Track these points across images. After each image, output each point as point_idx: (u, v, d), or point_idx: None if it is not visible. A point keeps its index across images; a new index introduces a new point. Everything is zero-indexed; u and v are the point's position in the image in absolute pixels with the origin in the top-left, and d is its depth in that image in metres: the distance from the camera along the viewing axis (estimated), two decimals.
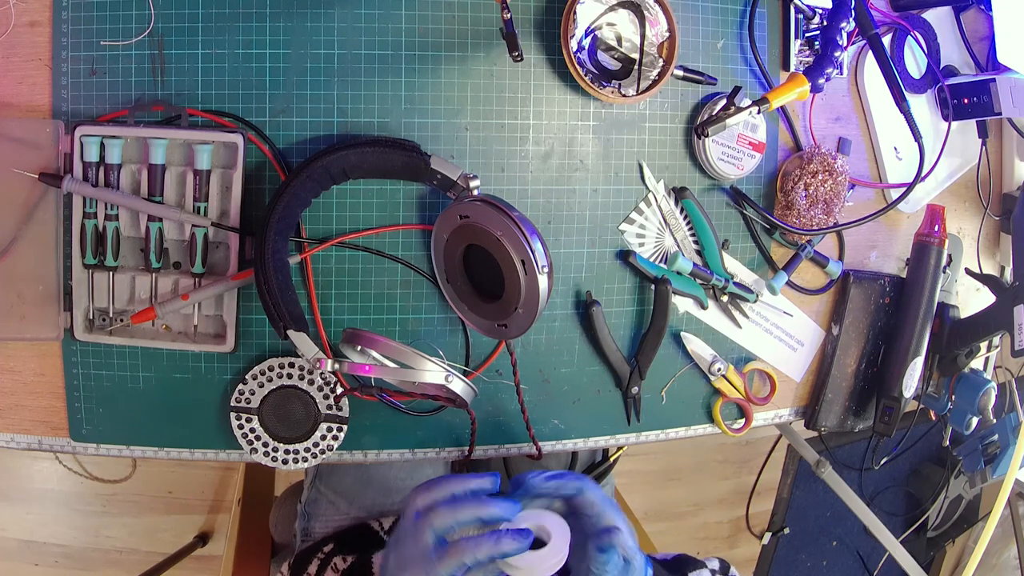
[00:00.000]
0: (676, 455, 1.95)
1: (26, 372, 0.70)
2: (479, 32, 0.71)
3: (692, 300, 0.80)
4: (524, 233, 0.61)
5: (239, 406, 0.71)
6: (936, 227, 0.85)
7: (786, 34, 0.80)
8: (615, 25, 0.72)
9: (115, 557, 1.63)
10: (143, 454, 0.73)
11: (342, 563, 0.75)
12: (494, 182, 0.73)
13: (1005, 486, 0.82)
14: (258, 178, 0.69)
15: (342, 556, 0.76)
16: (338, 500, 0.86)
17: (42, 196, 0.66)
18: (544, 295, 0.63)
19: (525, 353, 0.76)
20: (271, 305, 0.61)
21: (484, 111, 0.72)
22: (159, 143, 0.66)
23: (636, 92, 0.72)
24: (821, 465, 1.06)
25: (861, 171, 0.87)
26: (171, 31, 0.66)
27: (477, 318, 0.70)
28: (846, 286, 0.86)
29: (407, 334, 0.74)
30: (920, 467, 1.28)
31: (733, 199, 0.80)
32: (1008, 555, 1.40)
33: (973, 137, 0.93)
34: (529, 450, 0.78)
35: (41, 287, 0.67)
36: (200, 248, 0.68)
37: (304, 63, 0.68)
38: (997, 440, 1.02)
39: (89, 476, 1.61)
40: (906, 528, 1.27)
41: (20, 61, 0.66)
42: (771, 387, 0.85)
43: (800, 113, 0.83)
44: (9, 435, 0.71)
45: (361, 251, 0.72)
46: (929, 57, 0.88)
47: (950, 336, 0.89)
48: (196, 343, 0.70)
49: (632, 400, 0.80)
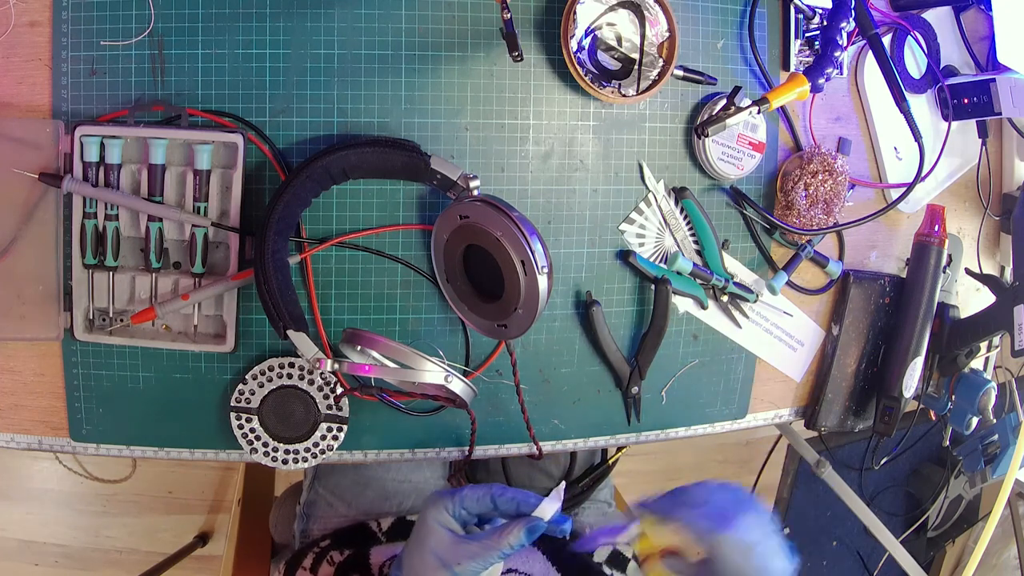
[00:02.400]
0: (676, 455, 1.95)
1: (26, 372, 0.70)
2: (479, 32, 0.71)
3: (692, 300, 0.80)
4: (524, 233, 0.61)
5: (239, 406, 0.71)
6: (936, 227, 0.85)
7: (786, 34, 0.80)
8: (615, 25, 0.72)
9: (115, 557, 1.63)
10: (143, 454, 0.73)
11: (338, 556, 0.75)
12: (494, 182, 0.73)
13: (1005, 486, 0.82)
14: (258, 178, 0.69)
15: (339, 550, 0.76)
16: (336, 502, 0.86)
17: (42, 196, 0.66)
18: (544, 295, 0.63)
19: (525, 353, 0.76)
20: (271, 305, 0.61)
21: (484, 111, 0.72)
22: (159, 143, 0.66)
23: (636, 92, 0.72)
24: (821, 465, 1.06)
25: (861, 171, 0.87)
26: (171, 31, 0.66)
27: (477, 318, 0.70)
28: (846, 286, 0.86)
29: (407, 334, 0.74)
30: (920, 467, 1.28)
31: (733, 199, 0.80)
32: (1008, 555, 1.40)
33: (973, 137, 0.93)
34: (529, 450, 0.78)
35: (41, 287, 0.67)
36: (200, 248, 0.68)
37: (304, 63, 0.68)
38: (997, 440, 1.02)
39: (89, 476, 1.61)
40: (906, 528, 1.27)
41: (20, 61, 0.66)
42: None
43: (800, 113, 0.83)
44: (9, 435, 0.71)
45: (361, 251, 0.72)
46: (929, 57, 0.88)
47: (950, 336, 0.89)
48: (196, 343, 0.70)
49: (632, 400, 0.80)
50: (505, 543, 0.51)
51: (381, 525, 0.82)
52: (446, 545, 0.52)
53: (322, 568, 0.75)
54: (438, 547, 0.52)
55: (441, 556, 0.51)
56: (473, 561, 0.51)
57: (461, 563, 0.51)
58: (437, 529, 0.52)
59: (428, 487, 0.89)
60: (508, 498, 0.53)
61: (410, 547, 0.54)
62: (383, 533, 0.81)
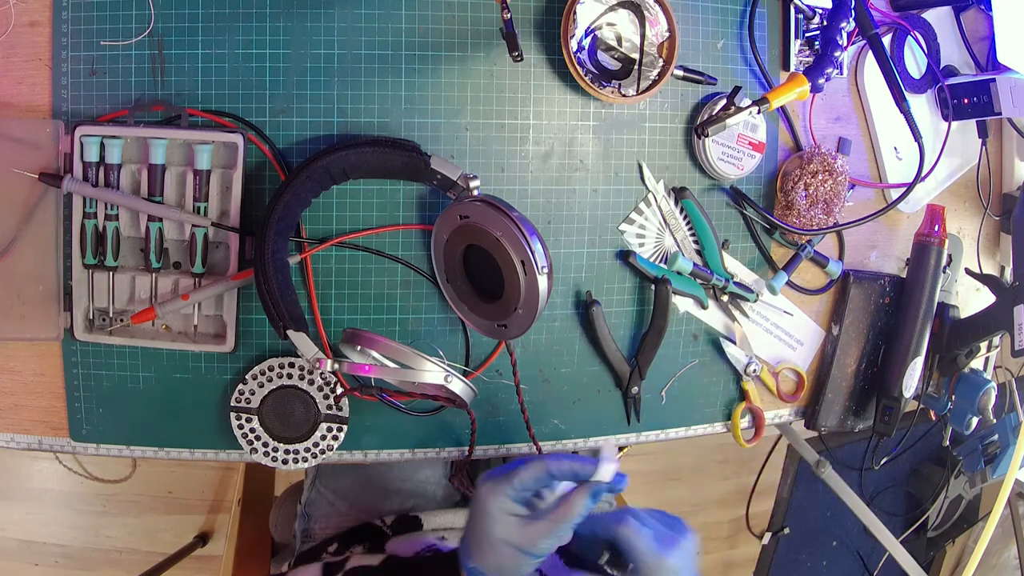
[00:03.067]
0: (676, 455, 1.95)
1: (26, 372, 0.70)
2: (479, 32, 0.71)
3: (692, 300, 0.80)
4: (524, 234, 0.61)
5: (239, 406, 0.71)
6: (936, 227, 0.85)
7: (786, 34, 0.80)
8: (615, 25, 0.72)
9: (115, 557, 1.63)
10: (143, 454, 0.73)
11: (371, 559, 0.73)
12: (494, 182, 0.73)
13: (1005, 486, 0.82)
14: (258, 178, 0.69)
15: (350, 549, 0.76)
16: (337, 501, 0.86)
17: (42, 196, 0.66)
18: (544, 296, 0.63)
19: (525, 353, 0.76)
20: (271, 305, 0.61)
21: (484, 111, 0.72)
22: (159, 143, 0.66)
23: (636, 92, 0.72)
24: (821, 465, 1.06)
25: (861, 171, 0.87)
26: (171, 31, 0.66)
27: (477, 318, 0.70)
28: (846, 286, 0.86)
29: (407, 334, 0.74)
30: (920, 467, 1.28)
31: (733, 199, 0.80)
32: (1008, 555, 1.40)
33: (973, 137, 0.93)
34: (529, 450, 0.78)
35: (41, 287, 0.67)
36: (200, 248, 0.68)
37: (304, 63, 0.68)
38: (997, 440, 1.02)
39: (89, 476, 1.61)
40: (906, 528, 1.27)
41: (20, 61, 0.66)
42: (800, 384, 0.85)
43: (800, 113, 0.83)
44: (9, 435, 0.71)
45: (361, 251, 0.72)
46: (929, 57, 0.88)
47: (950, 336, 0.89)
48: (196, 343, 0.70)
49: (632, 400, 0.80)
50: (574, 513, 0.52)
51: (386, 521, 0.82)
52: (516, 530, 0.53)
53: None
54: (508, 535, 0.53)
55: (514, 542, 0.52)
56: (546, 539, 0.52)
57: (536, 544, 0.52)
58: (502, 518, 0.53)
59: (429, 486, 0.89)
60: (565, 469, 0.54)
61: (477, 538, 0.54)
62: (388, 528, 0.81)
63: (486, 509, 0.54)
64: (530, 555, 0.52)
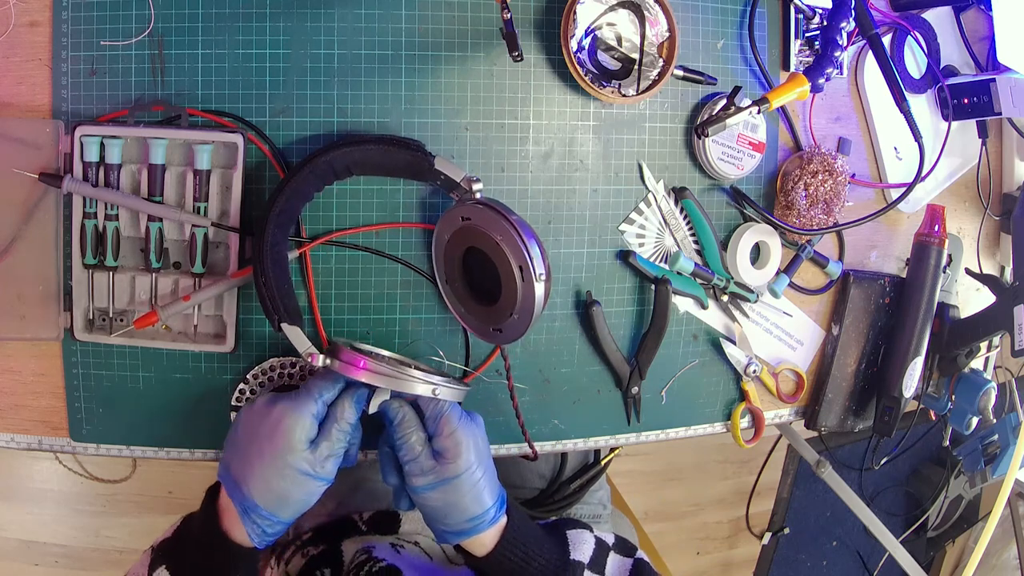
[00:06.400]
0: (676, 455, 1.95)
1: (26, 372, 0.70)
2: (479, 32, 0.71)
3: (692, 300, 0.80)
4: (523, 238, 0.61)
5: (239, 406, 0.71)
6: (936, 227, 0.85)
7: (786, 34, 0.80)
8: (615, 25, 0.72)
9: (115, 557, 1.63)
10: (143, 454, 0.73)
11: (314, 550, 0.75)
12: (494, 182, 0.73)
13: (1005, 486, 0.83)
14: (258, 178, 0.69)
15: (315, 545, 0.76)
16: (328, 500, 0.86)
17: (42, 196, 0.66)
18: (540, 303, 0.63)
19: (525, 353, 0.76)
20: (266, 297, 0.61)
21: (484, 111, 0.72)
22: (159, 143, 0.66)
23: (636, 92, 0.72)
24: (821, 465, 1.06)
25: (861, 171, 0.87)
26: (171, 31, 0.66)
27: (473, 321, 0.70)
28: (846, 286, 0.86)
29: (407, 334, 0.74)
30: (920, 467, 1.28)
31: (733, 199, 0.80)
32: (1008, 555, 1.41)
33: (973, 137, 0.93)
34: (525, 451, 0.78)
35: (41, 287, 0.67)
36: (200, 248, 0.68)
37: (304, 63, 0.68)
38: (997, 440, 1.02)
39: (89, 476, 1.61)
40: (906, 528, 1.27)
41: (20, 61, 0.66)
42: (800, 385, 0.85)
43: (800, 113, 0.83)
44: (9, 435, 0.71)
45: (361, 251, 0.72)
46: (929, 57, 0.88)
47: (950, 336, 0.89)
48: (196, 343, 0.70)
49: (632, 400, 0.80)
50: (345, 418, 0.57)
51: (363, 516, 0.82)
52: (308, 455, 0.56)
53: (294, 560, 0.75)
54: (300, 461, 0.56)
55: (306, 469, 0.55)
56: (330, 456, 0.56)
57: (324, 465, 0.56)
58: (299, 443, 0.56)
59: None
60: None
61: (257, 467, 0.56)
62: (363, 523, 0.81)
63: (283, 432, 0.55)
64: (319, 479, 0.52)
